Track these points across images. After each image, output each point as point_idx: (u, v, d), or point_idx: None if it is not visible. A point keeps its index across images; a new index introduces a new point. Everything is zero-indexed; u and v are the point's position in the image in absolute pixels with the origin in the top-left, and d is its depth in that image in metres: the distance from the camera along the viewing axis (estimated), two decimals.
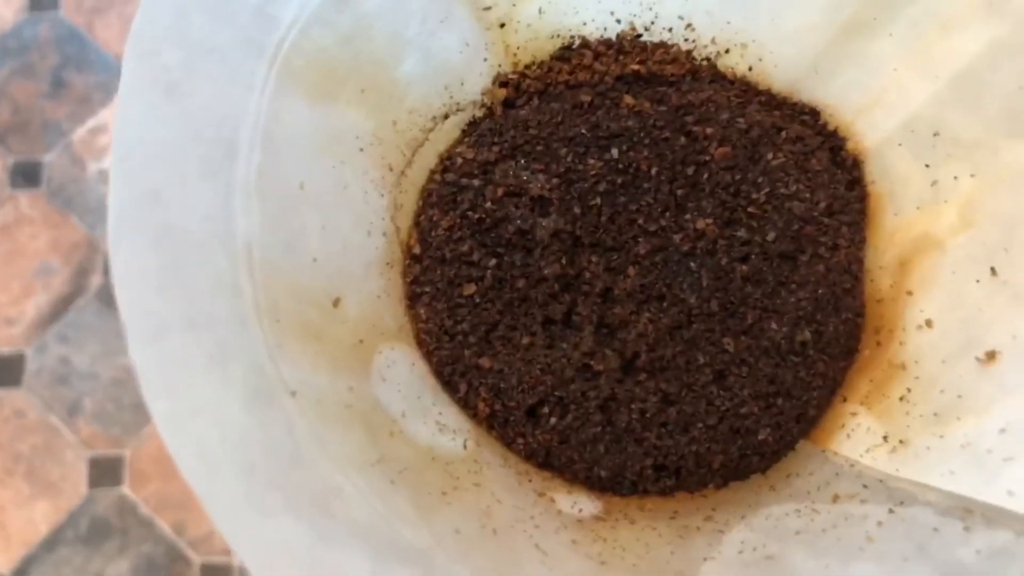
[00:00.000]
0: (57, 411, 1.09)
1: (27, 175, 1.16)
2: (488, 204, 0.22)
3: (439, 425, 0.18)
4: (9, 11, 1.24)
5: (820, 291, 0.22)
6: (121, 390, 1.09)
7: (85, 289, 1.12)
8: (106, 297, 1.13)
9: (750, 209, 0.22)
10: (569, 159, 0.22)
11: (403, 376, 0.18)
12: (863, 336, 0.22)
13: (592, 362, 0.20)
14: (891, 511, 0.17)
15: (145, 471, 1.06)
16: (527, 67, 0.24)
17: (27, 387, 1.09)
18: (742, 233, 0.22)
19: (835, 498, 0.18)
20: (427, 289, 0.21)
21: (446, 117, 0.23)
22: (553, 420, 0.20)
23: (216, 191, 0.14)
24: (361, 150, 0.20)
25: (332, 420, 0.15)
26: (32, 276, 1.13)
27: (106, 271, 1.13)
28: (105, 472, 1.07)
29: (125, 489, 1.06)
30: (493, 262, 0.21)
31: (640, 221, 0.21)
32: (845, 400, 0.21)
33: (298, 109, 0.17)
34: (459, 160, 0.23)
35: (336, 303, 0.18)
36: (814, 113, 0.24)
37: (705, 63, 0.25)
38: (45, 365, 1.10)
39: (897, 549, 0.15)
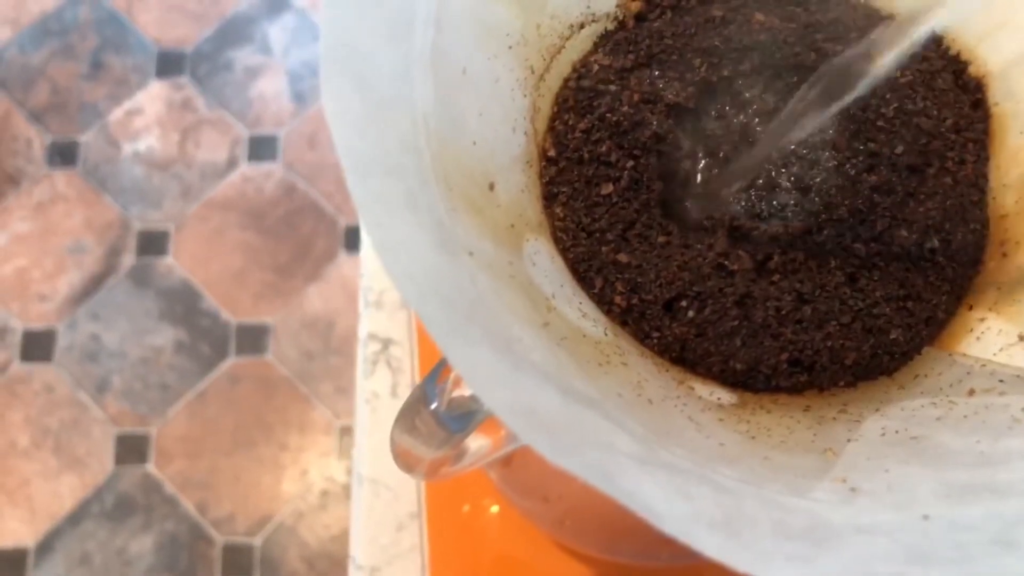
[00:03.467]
0: (86, 387, 1.10)
1: (64, 154, 1.18)
2: (625, 108, 0.23)
3: (581, 312, 0.19)
4: None
5: (948, 202, 0.23)
6: (149, 369, 1.10)
7: (117, 268, 1.14)
8: (137, 277, 1.14)
9: (879, 123, 0.24)
10: (703, 69, 0.23)
11: (547, 265, 0.19)
12: (988, 248, 0.23)
13: (727, 262, 0.21)
14: None
15: (170, 450, 1.07)
16: None
17: (57, 363, 1.10)
18: (871, 146, 0.23)
19: (971, 392, 0.19)
20: (564, 189, 0.22)
21: (582, 27, 0.24)
22: (691, 313, 0.21)
23: (399, 57, 0.15)
24: (510, 48, 0.21)
25: (502, 282, 0.16)
26: (65, 254, 1.14)
27: (138, 251, 1.15)
28: (131, 449, 1.08)
29: (150, 467, 1.07)
30: (631, 163, 0.22)
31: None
32: (971, 308, 0.22)
33: None
34: (595, 67, 0.24)
35: (491, 187, 0.19)
36: (936, 39, 0.25)
37: None
38: (76, 342, 1.11)
39: None
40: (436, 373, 0.20)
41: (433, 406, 0.20)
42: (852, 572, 0.11)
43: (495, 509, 0.37)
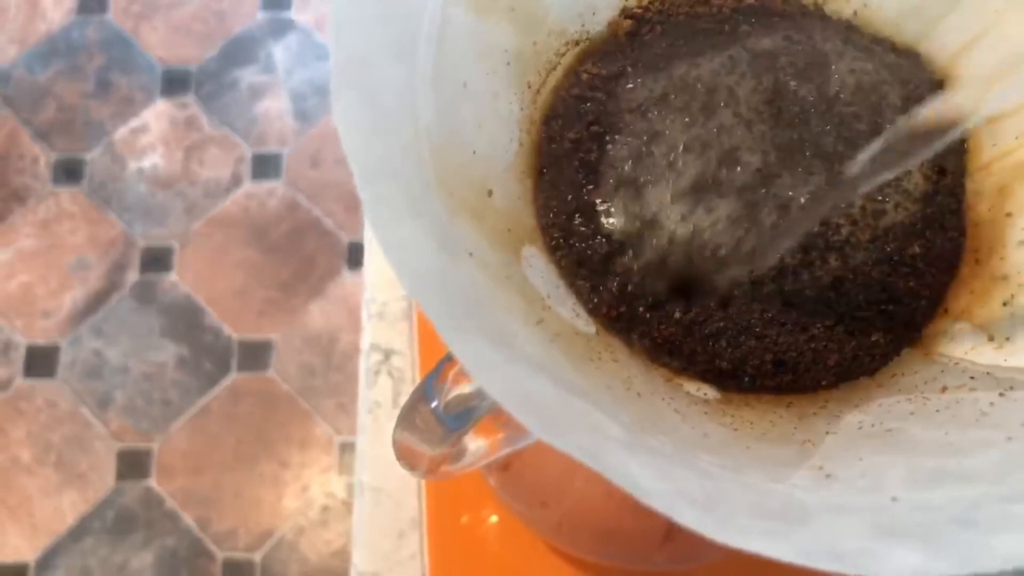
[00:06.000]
0: (88, 403, 1.10)
1: (69, 172, 1.19)
2: (612, 116, 0.24)
3: (574, 312, 0.20)
4: (59, 13, 1.28)
5: (928, 210, 0.24)
6: (151, 385, 1.11)
7: (120, 285, 1.15)
8: (140, 293, 1.15)
9: (860, 131, 0.25)
10: (691, 76, 0.24)
11: (542, 268, 0.20)
12: (964, 254, 0.24)
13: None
14: (1001, 395, 0.18)
15: (172, 466, 1.08)
16: (651, 2, 0.26)
17: (60, 378, 1.11)
18: (857, 154, 0.24)
19: (943, 389, 0.20)
20: (555, 197, 0.23)
21: (577, 44, 0.25)
22: (677, 315, 0.22)
23: (404, 72, 0.16)
24: (508, 64, 0.22)
25: (499, 282, 0.17)
26: (69, 270, 1.15)
27: (141, 268, 1.16)
28: (133, 465, 1.08)
29: (152, 483, 1.08)
30: (620, 171, 0.23)
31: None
32: (947, 311, 0.23)
33: (463, 15, 0.20)
34: (584, 76, 0.25)
35: (490, 194, 0.20)
36: (914, 56, 0.27)
37: (813, 7, 0.27)
38: (79, 358, 1.12)
39: (1013, 419, 0.17)
40: (436, 373, 0.21)
41: (433, 404, 0.21)
42: (822, 546, 0.12)
43: (495, 517, 0.38)
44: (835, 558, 0.12)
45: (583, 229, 0.23)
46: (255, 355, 1.12)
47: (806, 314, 0.23)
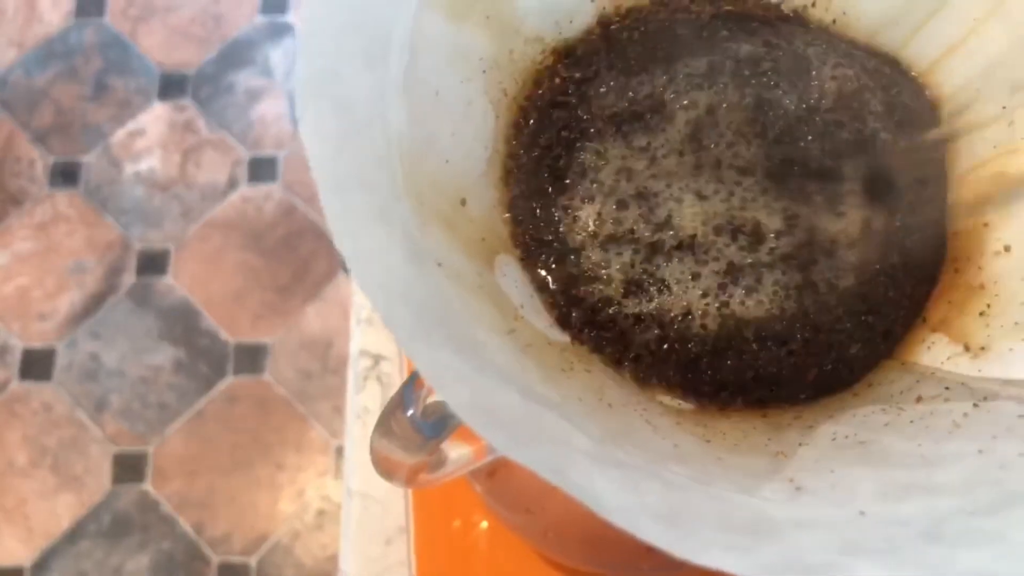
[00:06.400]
0: (85, 406, 1.10)
1: (66, 175, 1.19)
2: (585, 119, 0.24)
3: (549, 323, 0.20)
4: (56, 16, 1.28)
5: (910, 220, 0.24)
6: (147, 388, 1.11)
7: (117, 288, 1.15)
8: (137, 296, 1.15)
9: (843, 139, 0.25)
10: (664, 79, 0.24)
11: (516, 277, 0.20)
12: (943, 265, 0.24)
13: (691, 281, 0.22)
14: (975, 405, 0.18)
15: (168, 469, 1.08)
16: (628, 10, 0.26)
17: (57, 382, 1.11)
18: (842, 165, 0.24)
19: (918, 399, 0.20)
20: (526, 205, 0.22)
21: (554, 51, 0.25)
22: (654, 333, 0.22)
23: (375, 81, 0.16)
24: (484, 72, 0.22)
25: (470, 292, 0.17)
26: (66, 273, 1.15)
27: (138, 271, 1.16)
28: (128, 468, 1.08)
29: (147, 486, 1.08)
30: (591, 179, 0.23)
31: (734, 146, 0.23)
32: (925, 320, 0.23)
33: (437, 24, 0.20)
34: (556, 80, 0.25)
35: (463, 202, 0.20)
36: (893, 63, 0.26)
37: (792, 15, 0.27)
38: (75, 361, 1.12)
39: (985, 431, 0.17)
40: (413, 380, 0.21)
41: (409, 412, 0.20)
42: (787, 561, 0.12)
43: (482, 524, 0.38)
44: (799, 573, 0.12)
45: (555, 241, 0.23)
46: (251, 358, 1.12)
47: (785, 328, 0.23)
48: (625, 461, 0.14)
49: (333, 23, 0.16)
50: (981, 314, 0.21)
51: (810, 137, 0.25)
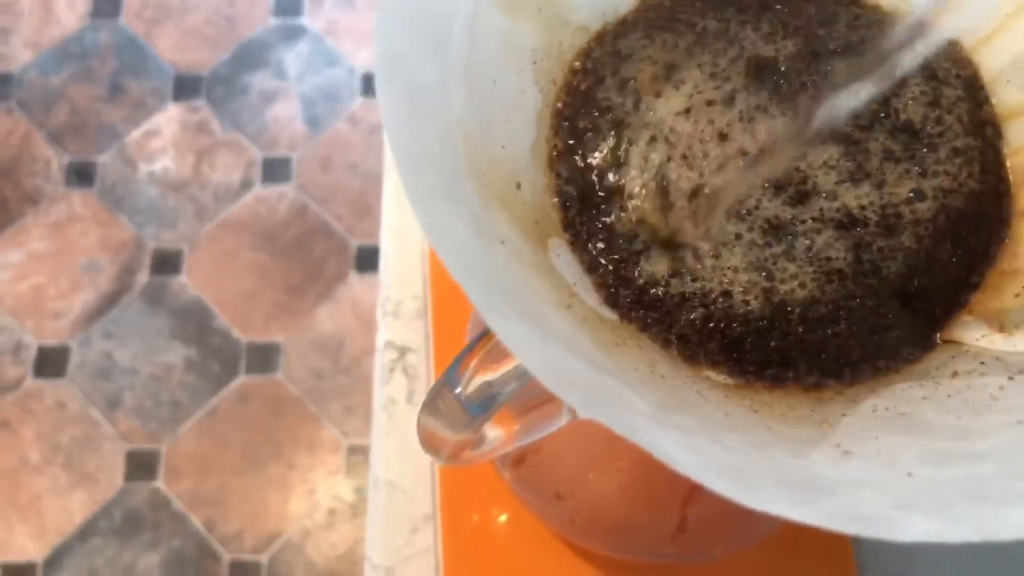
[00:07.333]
0: (98, 404, 1.11)
1: (81, 175, 1.20)
2: (619, 100, 0.24)
3: (599, 302, 0.21)
4: (72, 17, 1.30)
5: (969, 208, 0.25)
6: (160, 386, 1.12)
7: (131, 287, 1.16)
8: (150, 295, 1.16)
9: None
10: (702, 54, 0.25)
11: (568, 258, 0.21)
12: (992, 251, 0.25)
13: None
14: (1010, 378, 0.19)
15: (180, 467, 1.08)
16: None
17: (70, 379, 1.12)
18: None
19: (954, 374, 0.20)
20: (572, 197, 0.23)
21: (599, 38, 0.26)
22: (698, 317, 0.22)
23: (439, 68, 0.17)
24: (535, 63, 0.23)
25: (529, 268, 0.17)
26: (80, 272, 1.16)
27: (151, 270, 1.17)
28: (141, 466, 1.09)
29: (159, 484, 1.08)
30: (635, 164, 0.23)
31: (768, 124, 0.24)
32: (962, 305, 0.24)
33: (493, 16, 0.20)
34: (590, 65, 0.25)
35: (518, 186, 0.20)
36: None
37: None
38: (88, 359, 1.13)
39: (1022, 403, 0.17)
40: (460, 360, 0.22)
41: (457, 391, 0.21)
42: (844, 512, 0.13)
43: (507, 512, 0.38)
44: (858, 522, 0.13)
45: (600, 224, 0.24)
46: (263, 358, 1.13)
47: (832, 311, 0.23)
48: (684, 426, 0.15)
49: (402, 11, 0.17)
50: (1017, 295, 0.21)
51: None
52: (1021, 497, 0.14)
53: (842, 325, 0.23)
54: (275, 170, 1.21)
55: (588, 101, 0.25)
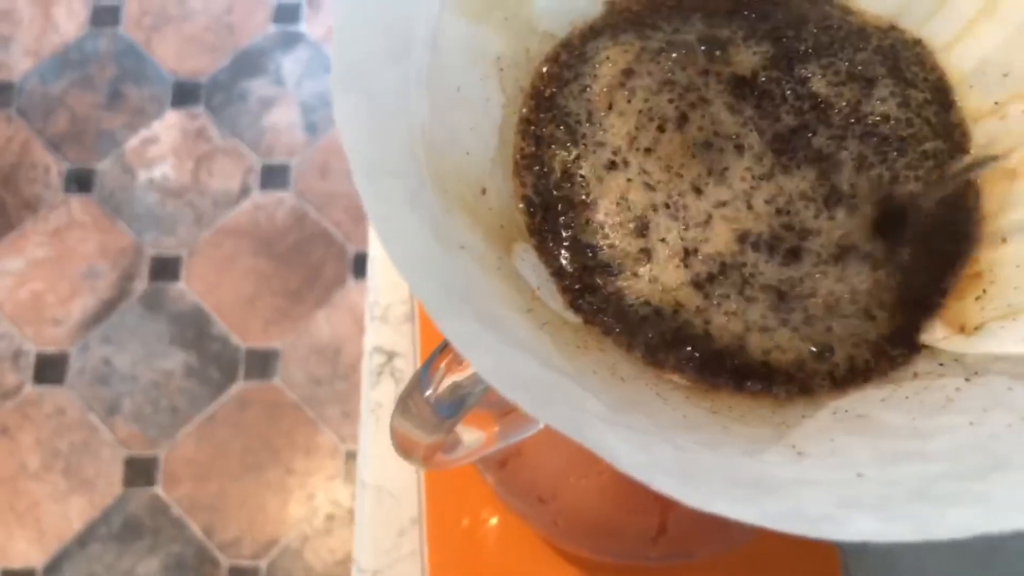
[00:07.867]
0: (97, 410, 1.11)
1: (80, 181, 1.21)
2: (589, 99, 0.24)
3: (563, 306, 0.21)
4: (72, 25, 1.30)
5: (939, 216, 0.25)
6: (159, 392, 1.12)
7: (129, 293, 1.16)
8: (149, 302, 1.16)
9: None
10: (667, 48, 0.25)
11: (533, 263, 0.21)
12: (960, 259, 0.25)
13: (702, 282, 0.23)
14: (967, 380, 0.19)
15: (178, 473, 1.09)
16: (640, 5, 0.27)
17: (69, 385, 1.12)
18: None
19: (914, 375, 0.20)
20: (536, 202, 0.23)
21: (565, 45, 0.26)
22: (665, 325, 0.22)
23: (398, 75, 0.17)
24: (501, 70, 0.23)
25: (490, 273, 0.18)
26: (80, 278, 1.17)
27: (150, 277, 1.17)
28: (140, 472, 1.09)
29: (158, 490, 1.09)
30: (589, 165, 0.24)
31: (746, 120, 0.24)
32: (926, 309, 0.24)
33: (458, 24, 0.21)
34: (553, 70, 0.25)
35: (483, 192, 0.21)
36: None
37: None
38: (87, 365, 1.13)
39: (976, 404, 0.18)
40: (430, 362, 0.22)
41: (427, 393, 0.21)
42: (788, 512, 0.13)
43: (493, 515, 0.39)
44: (801, 522, 0.13)
45: (566, 231, 0.24)
46: (262, 363, 1.13)
47: (797, 319, 0.23)
48: (636, 426, 0.15)
49: (360, 20, 0.17)
50: (977, 299, 0.22)
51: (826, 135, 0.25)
52: (963, 497, 0.14)
53: (809, 341, 0.23)
54: (274, 176, 1.22)
55: (552, 107, 0.25)
